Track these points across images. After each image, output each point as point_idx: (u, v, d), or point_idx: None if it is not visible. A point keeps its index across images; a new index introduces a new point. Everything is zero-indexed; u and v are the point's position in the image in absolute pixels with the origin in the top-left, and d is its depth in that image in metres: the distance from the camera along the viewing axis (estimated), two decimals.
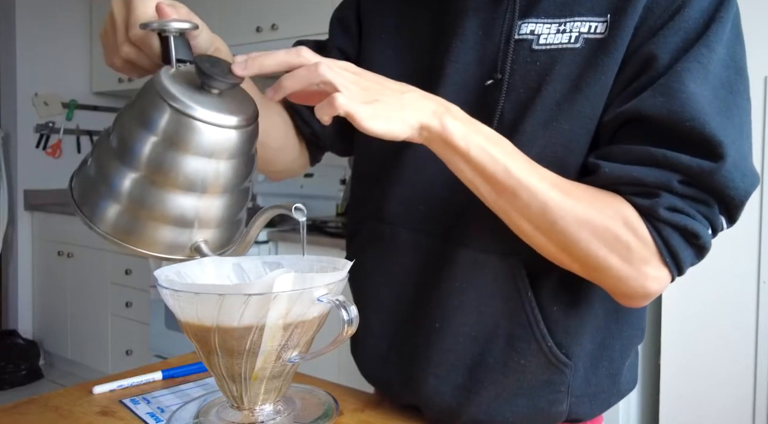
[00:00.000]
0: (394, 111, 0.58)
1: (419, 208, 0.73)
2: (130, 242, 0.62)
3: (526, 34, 0.68)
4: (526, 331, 0.68)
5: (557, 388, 0.69)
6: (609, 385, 0.73)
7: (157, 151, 0.60)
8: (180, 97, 0.59)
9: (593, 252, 0.60)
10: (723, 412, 1.69)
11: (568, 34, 0.66)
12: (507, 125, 0.67)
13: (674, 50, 0.61)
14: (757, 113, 1.60)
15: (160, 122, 0.59)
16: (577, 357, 0.69)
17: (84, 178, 0.65)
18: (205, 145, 0.60)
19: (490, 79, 0.69)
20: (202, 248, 0.64)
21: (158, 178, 0.60)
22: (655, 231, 0.60)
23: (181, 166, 0.60)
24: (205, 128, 0.60)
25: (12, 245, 3.68)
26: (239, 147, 0.62)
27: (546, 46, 0.66)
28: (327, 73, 0.57)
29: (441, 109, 0.60)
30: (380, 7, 0.81)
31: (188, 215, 0.62)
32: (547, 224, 0.60)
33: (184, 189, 0.61)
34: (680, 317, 1.75)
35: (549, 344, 0.67)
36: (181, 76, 0.62)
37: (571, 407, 0.70)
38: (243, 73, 0.60)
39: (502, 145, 0.61)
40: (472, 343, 0.70)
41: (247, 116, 0.63)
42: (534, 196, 0.59)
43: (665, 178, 0.59)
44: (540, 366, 0.68)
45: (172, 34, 0.63)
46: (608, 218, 0.60)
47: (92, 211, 0.62)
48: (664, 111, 0.59)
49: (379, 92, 0.58)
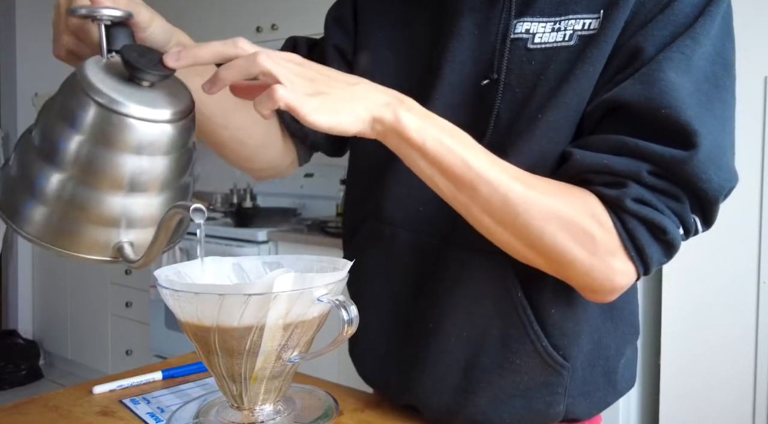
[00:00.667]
0: (343, 103, 0.55)
1: (416, 209, 0.73)
2: (57, 244, 0.58)
3: (521, 34, 0.67)
4: (519, 331, 0.67)
5: (554, 389, 0.69)
6: (605, 383, 0.73)
7: (82, 148, 0.56)
8: (105, 90, 0.55)
9: (559, 245, 0.59)
10: (723, 412, 1.69)
11: (562, 32, 0.65)
12: (503, 125, 0.67)
13: (661, 43, 0.60)
14: (757, 113, 1.60)
15: (85, 118, 0.55)
16: (575, 359, 0.69)
17: (6, 177, 0.61)
18: (135, 142, 0.56)
19: (486, 79, 0.69)
20: (125, 249, 0.59)
21: (83, 177, 0.56)
22: (620, 222, 0.58)
23: (108, 164, 0.56)
24: (134, 123, 0.55)
25: (12, 245, 3.68)
26: (172, 142, 0.58)
27: (541, 44, 0.66)
28: (266, 63, 0.53)
29: (394, 101, 0.57)
30: (377, 6, 0.81)
31: (115, 214, 0.58)
32: (510, 217, 0.58)
33: (112, 188, 0.57)
34: (680, 317, 1.75)
35: (544, 344, 0.67)
36: (113, 68, 0.58)
37: (568, 407, 0.70)
38: (175, 65, 0.56)
39: (459, 138, 0.59)
40: (465, 344, 0.69)
41: (181, 109, 0.58)
42: (495, 188, 0.58)
43: (635, 167, 0.58)
44: (536, 367, 0.68)
45: (103, 22, 0.59)
46: (574, 210, 0.58)
47: (15, 212, 0.58)
48: (642, 98, 0.58)
49: (326, 84, 0.56)
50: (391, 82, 0.70)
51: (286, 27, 2.77)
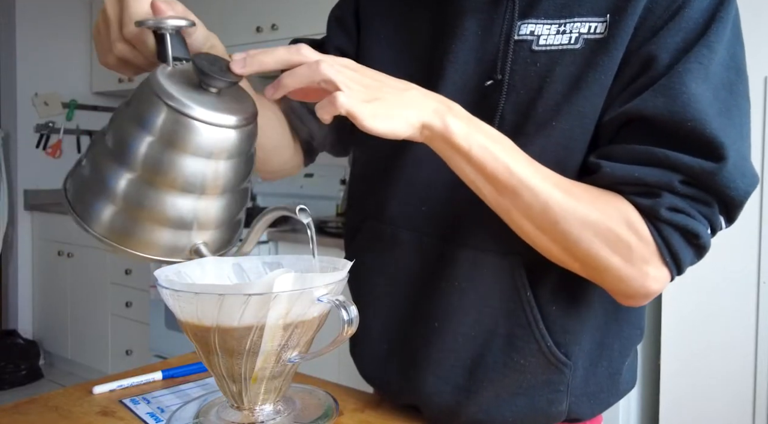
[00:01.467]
0: (396, 109, 0.57)
1: (420, 209, 0.73)
2: (127, 244, 0.61)
3: (525, 35, 0.67)
4: (525, 330, 0.68)
5: (556, 387, 0.69)
6: (608, 384, 0.73)
7: (155, 151, 0.59)
8: (177, 96, 0.58)
9: (595, 252, 0.60)
10: (723, 412, 1.69)
11: (568, 35, 0.65)
12: (508, 126, 0.67)
13: (674, 50, 0.61)
14: (757, 113, 1.60)
15: (157, 122, 0.58)
16: (576, 357, 0.69)
17: (78, 178, 0.63)
18: (204, 145, 0.59)
19: (490, 80, 0.69)
20: (202, 250, 0.63)
21: (155, 179, 0.59)
22: (656, 231, 0.60)
23: (179, 166, 0.59)
24: (204, 128, 0.59)
25: (12, 245, 3.68)
26: (238, 147, 0.61)
27: (546, 46, 0.66)
28: (328, 72, 0.56)
29: (443, 107, 0.59)
30: (379, 6, 0.81)
31: (186, 216, 0.61)
32: (549, 223, 0.60)
33: (182, 190, 0.60)
34: (680, 317, 1.75)
35: (548, 343, 0.67)
36: (179, 75, 0.61)
37: (570, 406, 0.70)
38: (242, 72, 0.59)
39: (503, 144, 0.60)
40: (471, 342, 0.70)
41: (247, 115, 0.62)
42: (536, 195, 0.59)
43: (667, 178, 0.59)
44: (539, 366, 0.68)
45: (168, 32, 0.62)
46: (610, 218, 0.60)
47: (86, 212, 0.61)
48: (665, 112, 0.59)
49: (381, 90, 0.58)
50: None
51: (286, 27, 2.77)
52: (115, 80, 3.67)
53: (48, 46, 3.70)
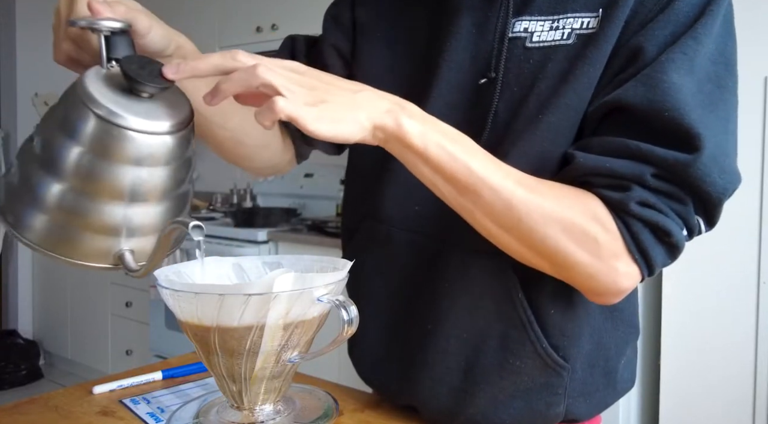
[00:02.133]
0: (344, 112, 0.55)
1: (414, 209, 0.72)
2: (57, 252, 0.58)
3: (519, 32, 0.67)
4: (519, 332, 0.67)
5: (554, 390, 0.69)
6: (605, 384, 0.73)
7: (82, 159, 0.56)
8: (104, 103, 0.55)
9: (562, 248, 0.59)
10: (723, 412, 1.69)
11: (561, 30, 0.65)
12: (501, 124, 0.67)
13: (662, 43, 0.60)
14: (757, 113, 1.60)
15: (84, 129, 0.55)
16: (575, 359, 0.69)
17: (8, 185, 0.61)
18: (133, 153, 0.56)
19: (484, 78, 0.68)
20: (126, 257, 0.60)
21: (83, 187, 0.56)
22: (624, 226, 0.58)
23: (107, 175, 0.56)
24: (133, 136, 0.56)
25: (12, 245, 3.68)
26: (170, 153, 0.58)
27: (539, 43, 0.66)
28: (266, 75, 0.53)
29: (396, 107, 0.57)
30: (376, 5, 0.81)
31: (115, 223, 0.58)
32: (513, 221, 0.58)
33: (111, 198, 0.57)
34: (680, 317, 1.75)
35: (544, 345, 0.67)
36: (112, 79, 0.58)
37: (568, 408, 0.70)
38: (173, 77, 0.56)
39: (462, 143, 0.59)
40: (464, 344, 0.69)
41: (179, 120, 0.58)
42: (497, 194, 0.58)
43: (638, 170, 0.57)
44: (536, 368, 0.68)
45: (103, 33, 0.59)
46: (576, 213, 0.58)
47: (17, 219, 0.59)
48: (645, 101, 0.58)
49: (327, 92, 0.56)
50: (388, 82, 0.71)
51: (286, 27, 2.77)
52: None
53: (48, 46, 3.67)
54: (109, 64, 0.59)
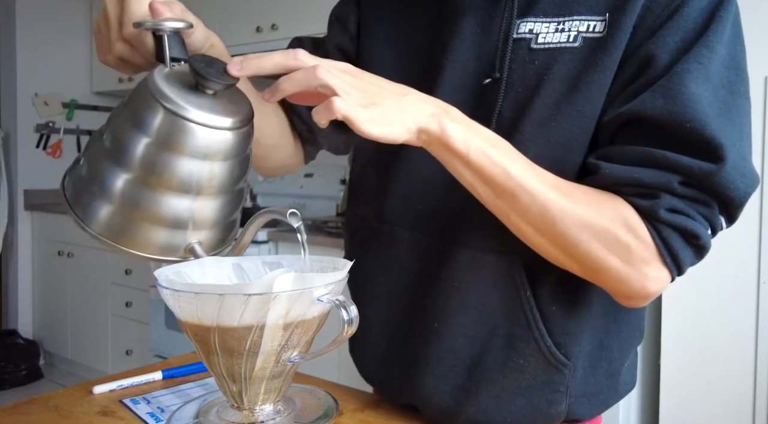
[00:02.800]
0: (393, 114, 0.57)
1: (418, 208, 0.73)
2: (123, 243, 0.61)
3: (524, 33, 0.67)
4: (524, 330, 0.68)
5: (556, 388, 0.69)
6: (608, 385, 0.73)
7: (151, 152, 0.59)
8: (173, 97, 0.59)
9: (594, 253, 0.60)
10: (723, 412, 1.69)
11: (566, 33, 0.65)
12: (505, 124, 0.67)
13: (673, 50, 0.61)
14: (757, 113, 1.60)
15: (154, 123, 0.59)
16: (576, 358, 0.69)
17: (76, 178, 0.64)
18: (200, 147, 0.59)
19: (489, 79, 0.69)
20: (196, 250, 0.63)
21: (152, 180, 0.60)
22: (656, 232, 0.60)
23: (175, 167, 0.59)
24: (199, 130, 0.59)
25: (12, 245, 3.68)
26: (234, 148, 0.62)
27: (544, 45, 0.66)
28: (325, 77, 0.56)
29: (440, 111, 0.59)
30: (380, 5, 0.81)
31: (182, 216, 0.61)
32: (547, 225, 0.60)
33: (178, 191, 0.60)
34: (680, 318, 1.75)
35: (548, 343, 0.67)
36: (176, 76, 0.61)
37: (569, 407, 0.70)
38: (238, 74, 0.59)
39: (501, 147, 0.60)
40: (470, 343, 0.70)
41: (242, 117, 0.62)
42: (533, 198, 0.59)
43: (666, 179, 0.59)
44: (539, 366, 0.68)
45: (166, 33, 0.62)
46: (608, 220, 0.60)
47: (84, 211, 0.62)
48: (665, 112, 0.59)
49: (378, 95, 0.58)
50: (392, 81, 0.71)
51: (286, 27, 2.77)
52: (115, 80, 3.67)
53: (48, 46, 3.70)
54: (172, 64, 0.62)
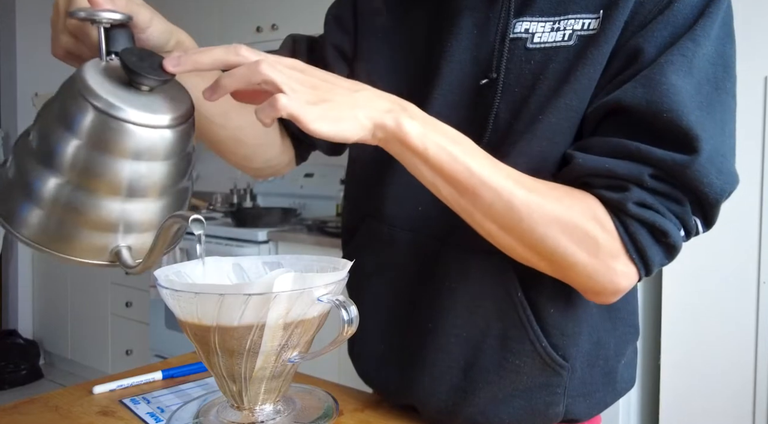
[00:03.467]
0: (344, 111, 0.55)
1: (417, 209, 0.73)
2: (53, 248, 0.57)
3: (520, 33, 0.67)
4: (519, 331, 0.67)
5: (554, 390, 0.69)
6: (605, 384, 0.73)
7: (80, 153, 0.55)
8: (103, 95, 0.54)
9: (561, 249, 0.59)
10: (723, 412, 1.69)
11: (562, 32, 0.65)
12: (502, 125, 0.67)
13: (661, 44, 0.60)
14: (757, 113, 1.60)
15: (83, 123, 0.54)
16: (574, 359, 0.69)
17: (3, 180, 0.60)
18: (133, 147, 0.55)
19: (486, 79, 0.68)
20: (123, 254, 0.59)
21: (81, 182, 0.55)
22: (622, 226, 0.59)
23: (106, 169, 0.55)
24: (133, 129, 0.55)
25: (12, 244, 3.68)
26: (170, 148, 0.57)
27: (540, 44, 0.66)
28: (269, 72, 0.53)
29: (396, 107, 0.57)
30: (377, 5, 0.80)
31: (111, 219, 0.57)
32: (513, 222, 0.59)
33: (109, 193, 0.56)
34: (680, 317, 1.75)
35: (543, 344, 0.67)
36: (112, 72, 0.57)
37: (567, 407, 0.70)
38: (174, 70, 0.56)
39: (463, 144, 0.59)
40: (464, 344, 0.69)
41: (180, 114, 0.58)
42: (498, 195, 0.58)
43: (637, 171, 0.58)
44: (536, 368, 0.68)
45: (102, 25, 0.58)
46: (576, 214, 0.59)
47: (11, 214, 0.57)
48: (643, 102, 0.58)
49: (329, 91, 0.55)
50: (390, 82, 0.71)
51: (286, 27, 2.77)
52: None
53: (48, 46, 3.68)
54: (108, 57, 0.58)
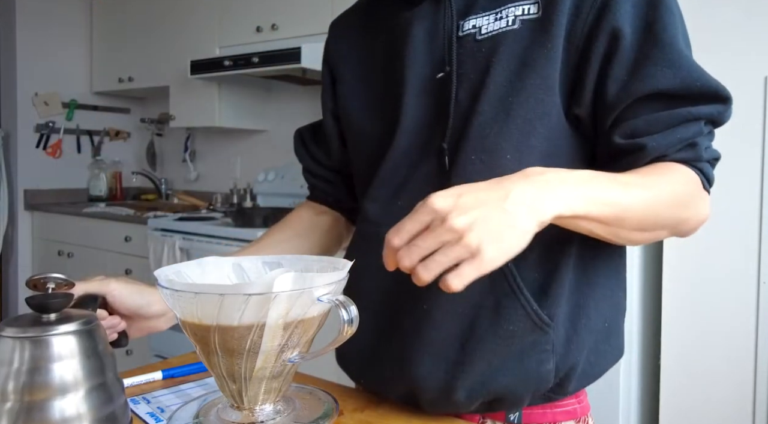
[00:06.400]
0: (506, 232, 0.57)
1: (396, 204, 0.77)
2: None
3: (469, 30, 0.74)
4: (510, 299, 0.71)
5: (543, 347, 0.72)
6: (590, 344, 0.75)
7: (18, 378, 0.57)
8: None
9: (684, 218, 0.70)
10: (723, 412, 1.69)
11: (505, 19, 0.73)
12: (462, 109, 0.73)
13: (629, 18, 0.68)
14: (757, 113, 1.60)
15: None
16: (558, 317, 0.72)
17: None
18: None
19: (441, 73, 0.75)
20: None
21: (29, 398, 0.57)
22: (700, 171, 0.70)
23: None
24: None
25: (12, 244, 3.68)
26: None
27: (488, 33, 0.73)
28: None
29: (537, 194, 0.59)
30: (341, 49, 0.91)
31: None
32: (650, 223, 0.67)
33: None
34: (680, 317, 1.75)
35: (534, 307, 0.71)
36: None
37: (557, 365, 0.72)
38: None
39: (594, 184, 0.63)
40: (461, 318, 0.72)
41: (84, 320, 0.61)
42: (634, 212, 0.65)
43: (697, 128, 0.69)
44: (526, 329, 0.71)
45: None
46: (683, 185, 0.69)
47: None
48: (677, 80, 0.67)
49: (485, 220, 0.56)
50: (366, 111, 0.83)
51: (286, 27, 2.77)
52: (115, 80, 3.67)
53: (48, 46, 3.70)
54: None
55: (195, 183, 3.78)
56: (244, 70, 2.71)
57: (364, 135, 0.85)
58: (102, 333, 0.63)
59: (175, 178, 3.94)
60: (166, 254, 2.76)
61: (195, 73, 2.89)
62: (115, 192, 3.96)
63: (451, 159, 0.74)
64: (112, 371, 0.62)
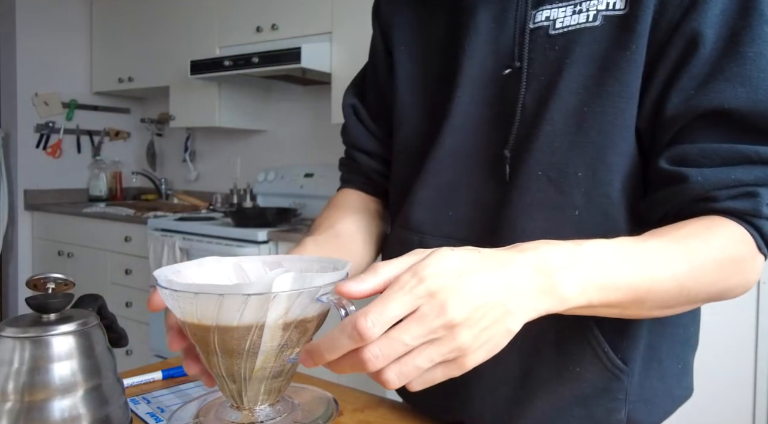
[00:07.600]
0: (502, 334, 0.49)
1: (447, 214, 0.70)
2: None
3: (541, 22, 0.65)
4: (577, 335, 0.64)
5: (615, 395, 0.66)
6: (662, 389, 0.70)
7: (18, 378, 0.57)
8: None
9: (725, 289, 0.58)
10: (723, 412, 1.69)
11: (585, 13, 0.62)
12: (530, 115, 0.65)
13: (716, 24, 0.57)
14: None
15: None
16: (633, 362, 0.66)
17: None
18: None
19: (509, 69, 0.66)
20: None
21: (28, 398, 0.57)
22: (755, 229, 0.58)
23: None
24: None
25: (12, 244, 3.68)
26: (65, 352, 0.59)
27: (563, 29, 0.63)
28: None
29: (546, 280, 0.49)
30: (395, 17, 0.79)
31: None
32: (683, 298, 0.56)
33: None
34: None
35: (605, 348, 0.64)
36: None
37: (629, 414, 0.67)
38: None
39: (614, 264, 0.52)
40: (518, 353, 0.66)
41: (81, 322, 0.61)
42: (665, 289, 0.54)
43: (763, 174, 0.56)
44: (596, 373, 0.65)
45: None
46: (726, 250, 0.56)
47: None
48: (749, 103, 0.56)
49: (489, 327, 0.47)
50: (416, 94, 0.72)
51: (286, 27, 2.77)
52: (115, 80, 3.67)
53: (48, 46, 3.70)
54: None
55: (195, 183, 3.79)
56: (244, 70, 2.71)
57: (409, 126, 0.75)
58: (102, 333, 0.63)
59: (175, 179, 3.94)
60: (166, 254, 2.76)
61: (195, 73, 2.90)
62: (115, 192, 3.96)
63: (512, 169, 0.65)
64: (112, 371, 0.63)
